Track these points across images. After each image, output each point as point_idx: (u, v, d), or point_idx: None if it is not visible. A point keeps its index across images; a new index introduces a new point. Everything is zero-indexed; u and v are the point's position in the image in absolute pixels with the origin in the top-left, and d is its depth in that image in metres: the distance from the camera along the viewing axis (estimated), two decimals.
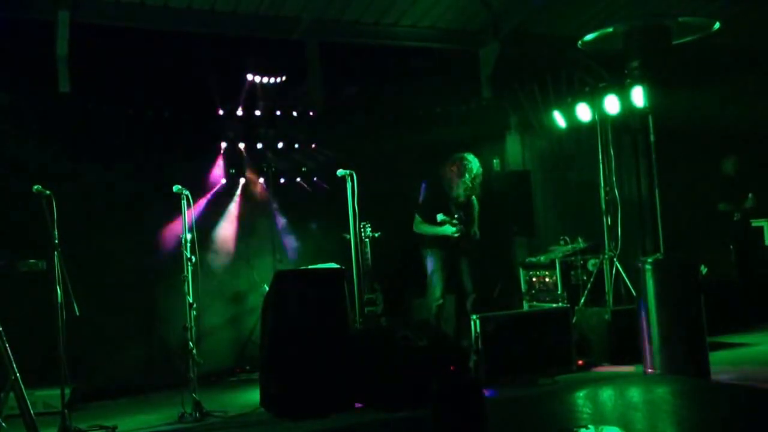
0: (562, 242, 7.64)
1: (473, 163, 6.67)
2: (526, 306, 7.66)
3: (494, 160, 8.31)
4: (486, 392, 4.32)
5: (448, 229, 6.45)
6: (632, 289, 6.65)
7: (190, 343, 5.35)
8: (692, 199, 8.54)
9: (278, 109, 7.60)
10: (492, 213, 7.42)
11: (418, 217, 6.66)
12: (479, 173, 6.70)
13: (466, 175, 6.61)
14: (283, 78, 7.59)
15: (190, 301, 5.37)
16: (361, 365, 5.39)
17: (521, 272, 7.82)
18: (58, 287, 4.83)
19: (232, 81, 7.41)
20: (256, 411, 5.37)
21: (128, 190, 6.69)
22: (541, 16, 8.47)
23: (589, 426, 3.93)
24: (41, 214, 4.81)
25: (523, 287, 7.76)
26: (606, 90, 7.06)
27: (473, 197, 6.77)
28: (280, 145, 7.60)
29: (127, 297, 6.58)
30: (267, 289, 5.86)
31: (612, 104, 7.00)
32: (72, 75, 6.89)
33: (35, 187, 4.86)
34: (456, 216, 6.48)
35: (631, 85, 6.84)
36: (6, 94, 6.30)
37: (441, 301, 6.51)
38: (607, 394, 5.09)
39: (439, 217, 6.38)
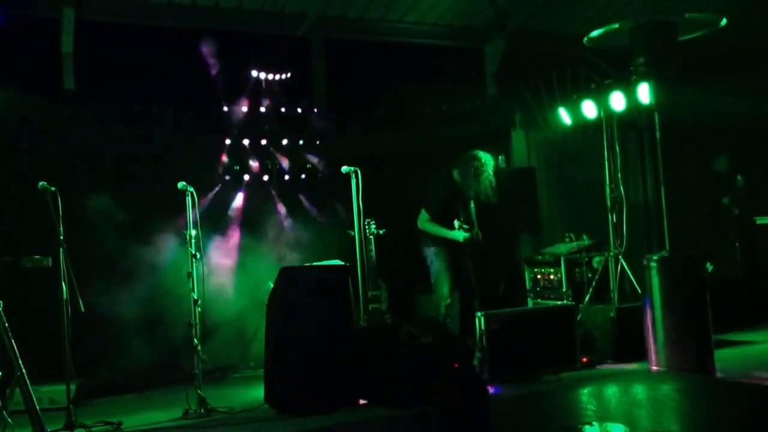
0: (567, 239, 7.62)
1: (487, 159, 6.61)
2: (530, 303, 7.64)
3: (499, 157, 8.29)
4: (490, 389, 4.32)
5: (458, 234, 6.37)
6: (637, 287, 6.64)
7: (195, 340, 5.36)
8: (698, 196, 8.51)
9: (283, 106, 7.60)
10: (497, 210, 7.40)
11: (425, 214, 6.52)
12: (492, 170, 6.64)
13: (484, 173, 6.55)
14: (288, 74, 7.58)
15: (195, 297, 5.38)
16: (366, 362, 5.39)
17: (526, 269, 7.80)
18: (63, 283, 4.85)
19: (237, 77, 7.41)
20: (261, 407, 5.38)
21: (133, 186, 6.69)
22: (546, 13, 8.45)
23: (594, 423, 3.92)
24: (46, 210, 4.82)
25: (528, 284, 7.75)
26: (612, 87, 7.04)
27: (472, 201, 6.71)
28: (285, 141, 7.60)
29: (132, 293, 6.58)
30: (271, 285, 5.86)
31: (618, 101, 6.98)
32: (77, 72, 6.91)
33: (40, 183, 4.87)
34: (462, 219, 6.41)
35: (637, 81, 6.82)
36: (11, 90, 6.32)
37: (449, 301, 6.43)
38: (611, 391, 5.09)
39: (457, 224, 6.27)
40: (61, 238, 4.86)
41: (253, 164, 7.48)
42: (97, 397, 6.06)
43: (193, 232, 5.43)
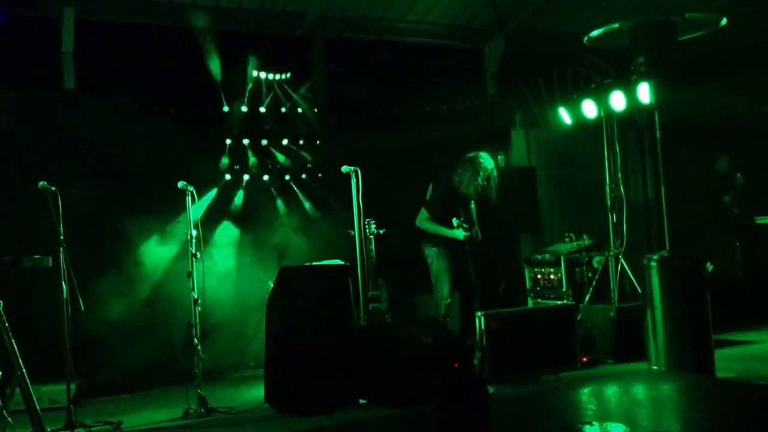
0: (567, 239, 7.62)
1: (486, 161, 6.59)
2: (530, 303, 7.65)
3: (499, 157, 8.29)
4: (490, 389, 4.31)
5: (458, 233, 6.37)
6: (637, 286, 6.64)
7: (195, 339, 5.36)
8: (698, 196, 8.52)
9: (283, 106, 7.60)
10: (497, 210, 7.40)
11: (425, 213, 6.51)
12: (493, 172, 6.61)
13: (481, 174, 6.53)
14: (288, 74, 7.59)
15: (195, 297, 5.38)
16: (366, 361, 5.39)
17: (526, 269, 7.80)
18: (63, 283, 4.85)
19: (237, 77, 7.41)
20: (261, 407, 5.38)
21: (133, 186, 6.69)
22: (547, 13, 8.45)
23: (594, 423, 3.92)
24: (46, 210, 4.82)
25: (528, 284, 7.75)
26: (612, 86, 7.04)
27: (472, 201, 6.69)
28: (285, 141, 7.60)
29: (132, 293, 6.59)
30: (272, 285, 5.86)
31: (618, 101, 6.98)
32: (77, 71, 6.91)
33: (41, 183, 4.87)
34: (462, 219, 6.40)
35: (637, 81, 6.82)
36: (11, 90, 6.32)
37: (449, 300, 6.42)
38: (611, 390, 5.08)
39: (456, 222, 6.27)
40: (61, 237, 4.86)
41: (253, 164, 7.49)
42: (97, 397, 6.07)
43: (194, 232, 5.43)
